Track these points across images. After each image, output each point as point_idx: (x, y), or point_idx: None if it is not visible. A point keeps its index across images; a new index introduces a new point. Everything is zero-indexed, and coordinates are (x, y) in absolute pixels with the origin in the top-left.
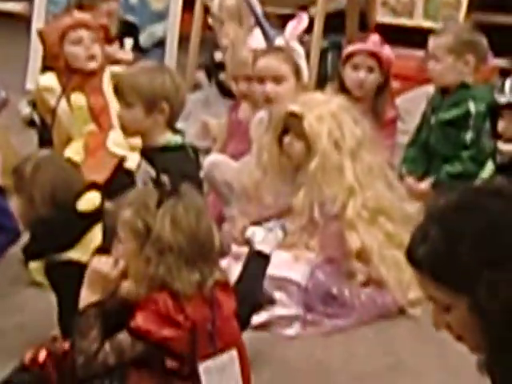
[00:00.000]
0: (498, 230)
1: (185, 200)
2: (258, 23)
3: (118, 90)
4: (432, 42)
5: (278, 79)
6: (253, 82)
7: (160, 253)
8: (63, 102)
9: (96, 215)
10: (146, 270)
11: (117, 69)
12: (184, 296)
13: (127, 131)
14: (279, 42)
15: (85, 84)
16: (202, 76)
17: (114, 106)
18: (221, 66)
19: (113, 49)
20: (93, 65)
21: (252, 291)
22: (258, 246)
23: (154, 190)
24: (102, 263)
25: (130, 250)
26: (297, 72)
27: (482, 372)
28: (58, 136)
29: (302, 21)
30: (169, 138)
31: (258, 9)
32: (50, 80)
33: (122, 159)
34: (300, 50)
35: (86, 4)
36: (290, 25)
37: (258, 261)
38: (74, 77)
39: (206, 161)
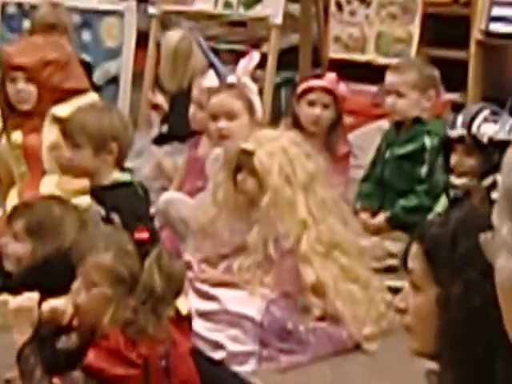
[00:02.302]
0: None
1: (163, 247)
2: (210, 63)
3: (65, 131)
4: (393, 77)
5: (230, 115)
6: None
7: (144, 302)
8: (3, 140)
9: None
10: (124, 315)
11: (60, 109)
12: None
13: (75, 172)
14: (231, 79)
15: (23, 123)
16: (154, 114)
17: (46, 148)
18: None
19: None
20: (24, 106)
21: None
22: None
23: (124, 232)
24: (16, 302)
25: (106, 294)
26: (250, 108)
27: (429, 381)
28: (3, 175)
29: (253, 58)
30: (117, 176)
31: (209, 49)
32: None
33: None
34: (252, 86)
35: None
36: (242, 62)
37: None
38: (14, 115)
39: (162, 198)
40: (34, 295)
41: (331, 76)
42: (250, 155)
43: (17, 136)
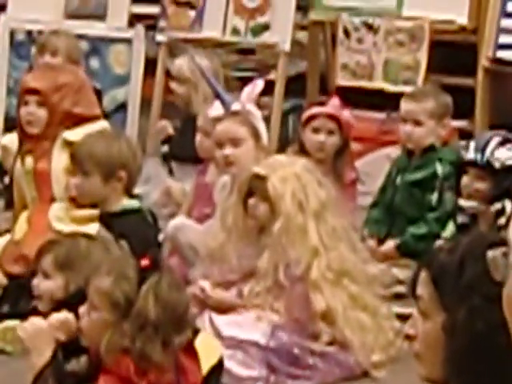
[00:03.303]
0: None
1: (166, 277)
2: (214, 91)
3: (74, 159)
4: (410, 105)
5: (235, 142)
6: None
7: (139, 328)
8: (18, 164)
9: None
10: (120, 341)
11: (71, 134)
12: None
13: (84, 200)
14: (236, 106)
15: (34, 148)
16: None
17: (57, 174)
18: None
19: None
20: (33, 130)
21: None
22: None
23: (130, 258)
24: (30, 325)
25: (105, 319)
26: (255, 134)
27: None
28: (17, 199)
29: (257, 86)
30: (125, 203)
31: (213, 78)
32: (10, 140)
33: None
34: (257, 112)
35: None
36: (246, 89)
37: None
38: (26, 139)
39: (171, 224)
40: (52, 317)
41: (335, 102)
42: (263, 180)
43: (29, 160)
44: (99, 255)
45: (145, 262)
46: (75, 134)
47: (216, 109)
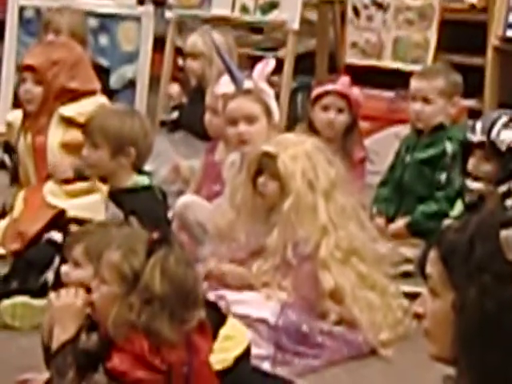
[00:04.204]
0: None
1: (175, 251)
2: (227, 68)
3: (86, 130)
4: (421, 83)
5: (250, 119)
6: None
7: (145, 302)
8: (21, 141)
9: None
10: (127, 315)
11: (67, 109)
12: (162, 339)
13: (91, 172)
14: (248, 84)
15: (32, 124)
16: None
17: (53, 149)
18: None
19: None
20: (30, 107)
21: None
22: None
23: (141, 234)
24: (64, 297)
25: (114, 293)
26: (267, 112)
27: None
28: (23, 175)
29: (269, 64)
30: (136, 179)
31: (226, 54)
32: (15, 116)
33: (60, 212)
34: (269, 90)
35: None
36: (258, 67)
37: None
38: (26, 116)
39: (179, 201)
40: (80, 293)
41: (345, 79)
42: (273, 158)
43: (29, 137)
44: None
45: (155, 236)
46: (71, 110)
47: (224, 85)
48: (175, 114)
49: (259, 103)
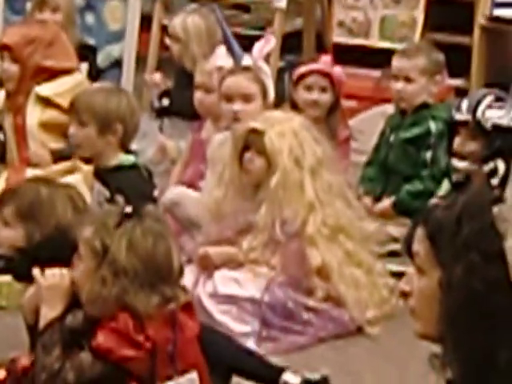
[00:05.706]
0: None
1: (144, 223)
2: (227, 42)
3: (73, 108)
4: (402, 62)
5: (247, 98)
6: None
7: (115, 274)
8: (7, 121)
9: None
10: (100, 290)
11: (44, 88)
12: (145, 317)
13: (79, 151)
14: (247, 61)
15: (11, 104)
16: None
17: (32, 129)
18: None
19: None
20: (7, 86)
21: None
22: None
23: (116, 210)
24: (50, 277)
25: (88, 268)
26: (264, 92)
27: (432, 365)
28: (9, 155)
29: (269, 41)
30: (122, 158)
31: (228, 29)
32: (0, 96)
33: None
34: (267, 69)
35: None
36: (257, 45)
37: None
38: (6, 95)
39: (167, 195)
40: (66, 272)
41: (326, 59)
42: (260, 135)
43: (9, 117)
44: (63, 203)
45: (127, 210)
46: (48, 89)
47: (221, 58)
48: (166, 102)
49: (257, 82)
